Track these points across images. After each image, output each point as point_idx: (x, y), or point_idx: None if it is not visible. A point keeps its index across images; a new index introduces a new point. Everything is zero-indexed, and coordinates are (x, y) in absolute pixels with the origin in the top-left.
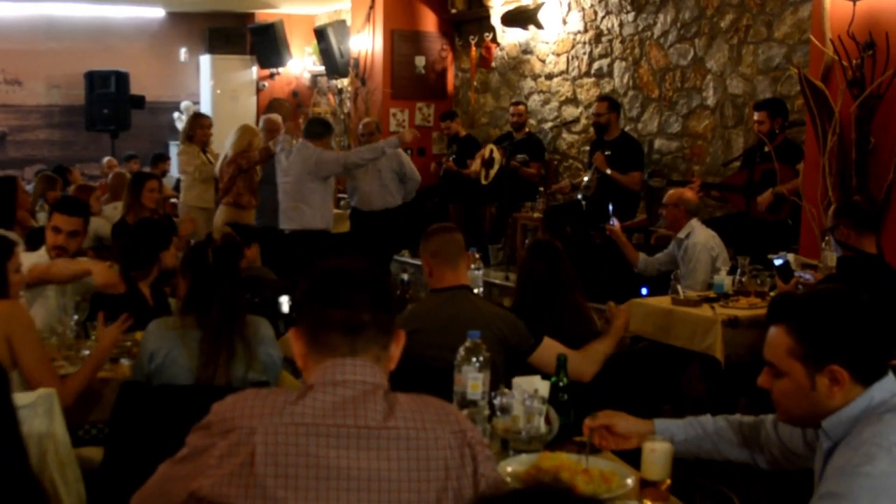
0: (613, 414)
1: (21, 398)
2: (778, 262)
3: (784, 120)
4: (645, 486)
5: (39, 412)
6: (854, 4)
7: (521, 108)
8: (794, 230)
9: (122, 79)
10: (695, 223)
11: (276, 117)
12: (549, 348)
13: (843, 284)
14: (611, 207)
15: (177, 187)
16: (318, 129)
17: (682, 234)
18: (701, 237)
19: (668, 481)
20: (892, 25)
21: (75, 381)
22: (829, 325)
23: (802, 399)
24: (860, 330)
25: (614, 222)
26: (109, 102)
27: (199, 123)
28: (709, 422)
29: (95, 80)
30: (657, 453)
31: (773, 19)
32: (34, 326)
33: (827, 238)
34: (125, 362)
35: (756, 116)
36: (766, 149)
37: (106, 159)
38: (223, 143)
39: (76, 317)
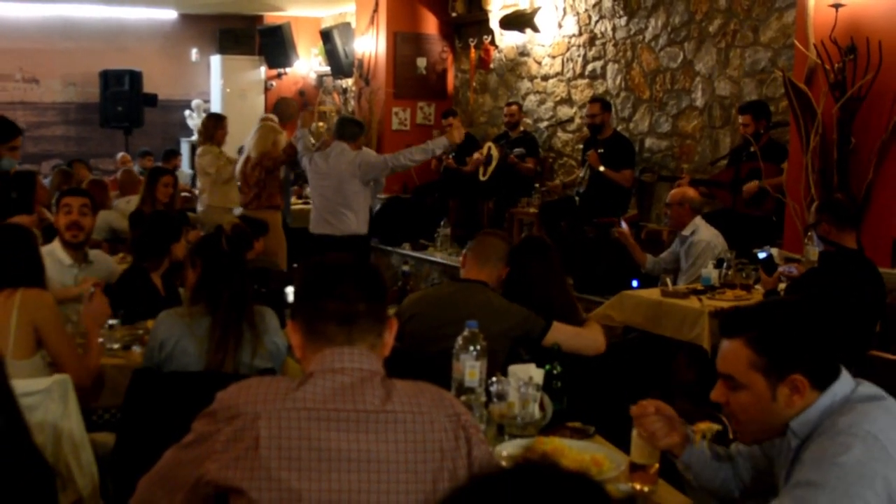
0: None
1: (36, 384)
2: (762, 255)
3: (768, 121)
4: (634, 469)
5: (55, 397)
6: (836, 11)
7: (514, 108)
8: (778, 226)
9: (135, 77)
10: (699, 221)
11: (274, 118)
12: (559, 331)
13: (791, 296)
14: (622, 222)
15: (192, 183)
16: (354, 130)
17: (686, 232)
18: (706, 235)
19: (657, 465)
20: (872, 31)
21: (90, 358)
22: (790, 336)
23: (762, 410)
24: (817, 338)
25: (623, 225)
26: (123, 100)
27: (220, 125)
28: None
29: (110, 79)
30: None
31: (759, 24)
32: (60, 314)
33: (809, 233)
34: (137, 350)
35: (741, 119)
36: (752, 149)
37: (120, 155)
38: (235, 141)
39: None
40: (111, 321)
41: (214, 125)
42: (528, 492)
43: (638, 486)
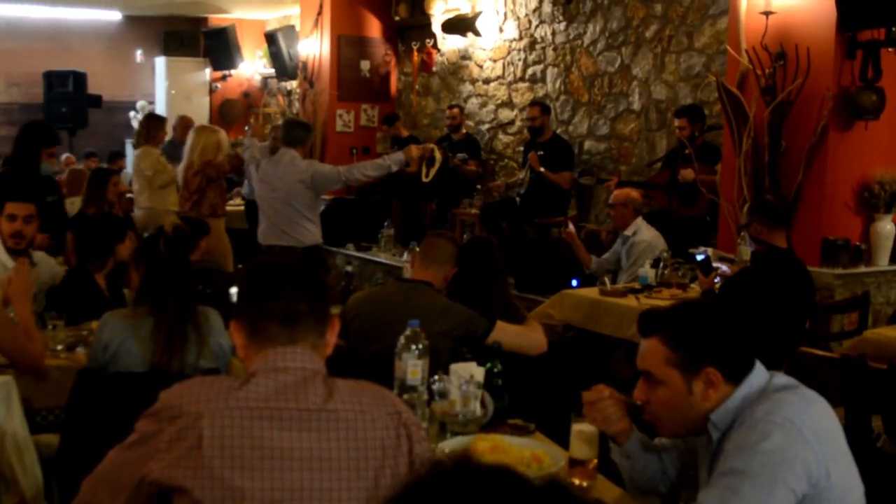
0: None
1: None
2: (699, 257)
3: (703, 124)
4: (573, 465)
5: None
6: (767, 18)
7: (456, 111)
8: (712, 226)
9: (79, 78)
10: (640, 222)
11: (189, 118)
12: (503, 331)
13: (703, 298)
14: (569, 223)
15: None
16: (301, 134)
17: (629, 232)
18: (647, 236)
19: (595, 461)
20: (801, 38)
21: (35, 343)
22: (700, 331)
23: (681, 405)
24: (726, 332)
25: (570, 226)
26: (67, 101)
27: (160, 126)
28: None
29: (54, 80)
30: (585, 434)
31: (694, 30)
32: (2, 311)
33: (742, 234)
34: (81, 351)
35: (677, 123)
36: (687, 151)
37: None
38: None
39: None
40: (54, 322)
41: (155, 126)
42: (448, 492)
43: (577, 481)
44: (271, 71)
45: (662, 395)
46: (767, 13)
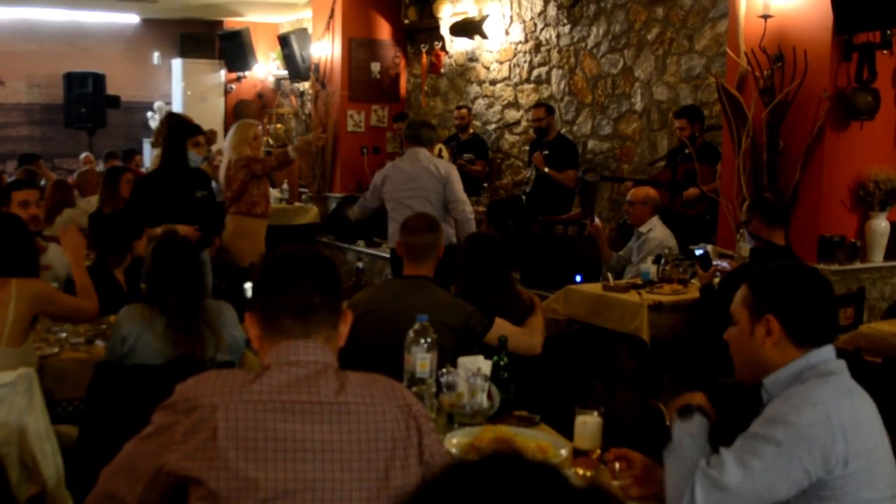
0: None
1: (2, 378)
2: (699, 252)
3: (702, 124)
4: (577, 455)
5: (20, 390)
6: (765, 21)
7: (464, 111)
8: (712, 223)
9: (98, 80)
10: (656, 220)
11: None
12: (501, 327)
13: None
14: (595, 218)
15: None
16: (430, 134)
17: (644, 228)
18: (660, 234)
19: (598, 451)
20: (798, 40)
21: (88, 294)
22: (775, 281)
23: (742, 344)
24: (800, 292)
25: (596, 220)
26: (87, 102)
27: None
28: None
29: (73, 81)
30: (588, 425)
31: (694, 33)
32: (56, 293)
33: (741, 231)
34: (100, 344)
35: (677, 123)
36: (688, 150)
37: (84, 155)
38: None
39: None
40: None
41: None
42: (495, 481)
43: (580, 471)
44: (284, 72)
45: (733, 333)
46: (766, 16)
